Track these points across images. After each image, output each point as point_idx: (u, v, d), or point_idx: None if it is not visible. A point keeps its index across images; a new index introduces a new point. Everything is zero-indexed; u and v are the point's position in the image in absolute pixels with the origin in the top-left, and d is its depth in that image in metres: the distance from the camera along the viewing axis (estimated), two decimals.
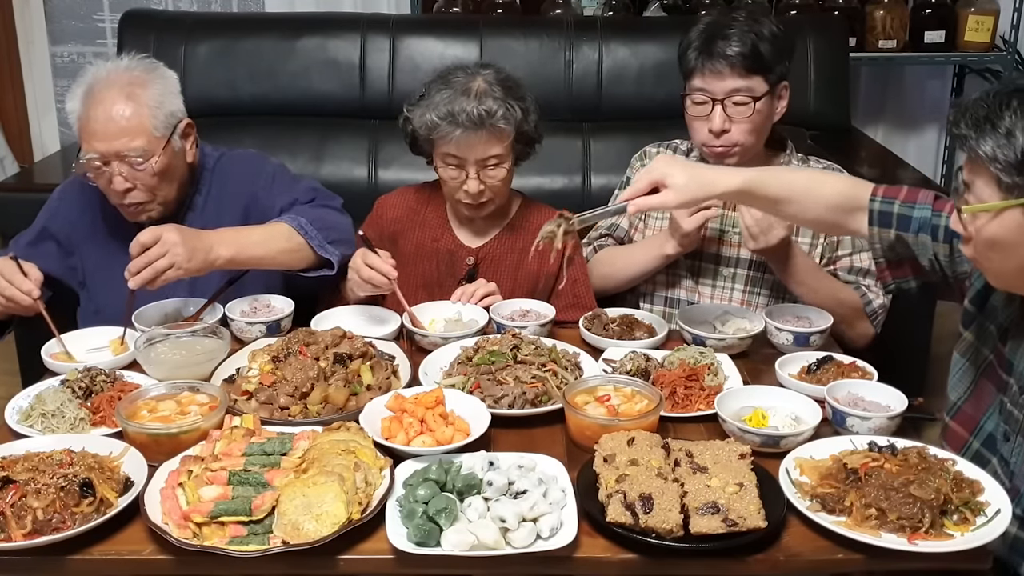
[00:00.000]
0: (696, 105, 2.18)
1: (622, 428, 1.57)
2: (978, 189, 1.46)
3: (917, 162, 4.28)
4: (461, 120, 2.07)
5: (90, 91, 2.04)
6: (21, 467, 1.45)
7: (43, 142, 4.75)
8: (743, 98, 2.13)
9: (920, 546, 1.36)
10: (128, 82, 2.05)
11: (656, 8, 4.15)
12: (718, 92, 2.14)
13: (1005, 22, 4.41)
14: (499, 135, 2.12)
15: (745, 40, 2.10)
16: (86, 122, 2.03)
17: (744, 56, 2.10)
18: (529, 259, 2.10)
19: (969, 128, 1.44)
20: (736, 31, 2.11)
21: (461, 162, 2.14)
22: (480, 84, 2.12)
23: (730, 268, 2.31)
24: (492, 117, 2.08)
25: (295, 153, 3.11)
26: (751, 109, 2.13)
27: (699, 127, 2.20)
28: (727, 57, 2.10)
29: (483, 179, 2.15)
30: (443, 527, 1.36)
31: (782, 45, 2.16)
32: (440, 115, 2.09)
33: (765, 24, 2.14)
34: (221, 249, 2.00)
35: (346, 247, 2.18)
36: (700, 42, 2.15)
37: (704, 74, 2.14)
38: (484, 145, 2.11)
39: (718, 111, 2.15)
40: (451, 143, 2.11)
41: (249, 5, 4.64)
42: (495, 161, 2.14)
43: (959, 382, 1.74)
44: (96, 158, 2.03)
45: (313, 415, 1.69)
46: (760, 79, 2.13)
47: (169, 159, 2.09)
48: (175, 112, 2.11)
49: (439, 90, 2.13)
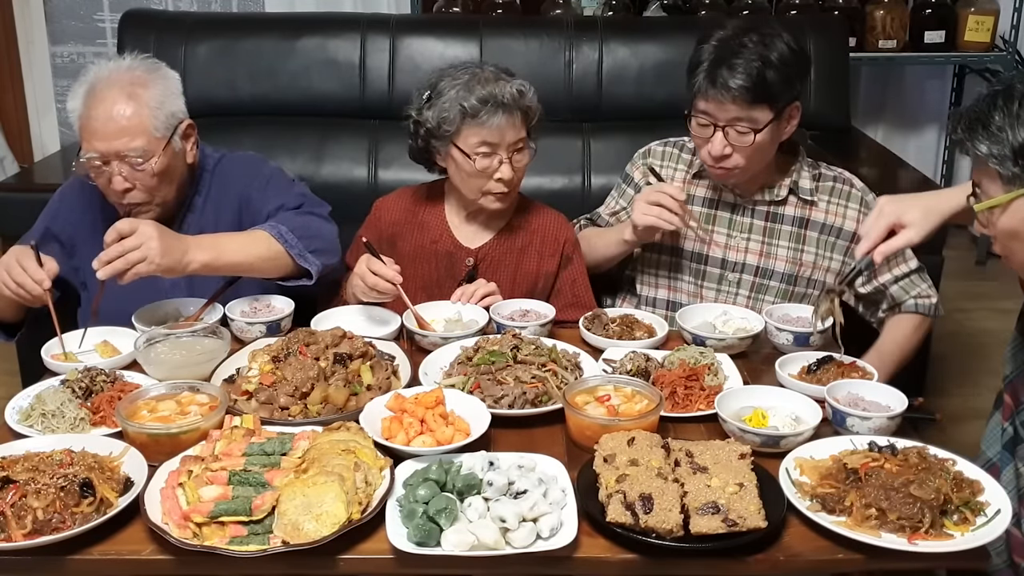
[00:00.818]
0: (700, 126, 2.16)
1: (622, 428, 1.57)
2: (986, 188, 1.55)
3: (917, 162, 4.29)
4: (503, 100, 2.08)
5: (91, 90, 2.04)
6: (21, 467, 1.45)
7: (43, 142, 4.75)
8: (744, 127, 2.10)
9: (920, 546, 1.36)
10: (129, 82, 2.05)
11: (656, 8, 4.15)
12: (720, 119, 2.11)
13: (1005, 22, 4.42)
14: (525, 117, 2.15)
15: (751, 70, 2.05)
16: (87, 121, 2.03)
17: (747, 89, 2.05)
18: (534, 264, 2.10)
19: (964, 132, 1.53)
20: (743, 61, 2.05)
21: (494, 148, 2.13)
22: (491, 72, 2.14)
23: (735, 273, 2.30)
24: (524, 97, 2.12)
25: (295, 153, 3.11)
26: (752, 139, 2.11)
27: (702, 146, 2.19)
28: (730, 89, 2.05)
29: (515, 163, 2.16)
30: (443, 527, 1.36)
31: (793, 70, 2.11)
32: (480, 98, 2.08)
33: (776, 47, 2.08)
34: (197, 253, 1.98)
35: (329, 256, 2.16)
36: (708, 65, 2.09)
37: (708, 99, 2.10)
38: (516, 128, 2.13)
39: (719, 137, 2.12)
40: (488, 128, 2.10)
41: (249, 5, 4.64)
42: (522, 144, 2.16)
43: (1013, 356, 1.81)
44: (96, 157, 2.03)
45: (313, 415, 1.69)
46: (765, 108, 2.09)
47: (169, 160, 2.09)
48: (176, 113, 2.11)
49: (453, 84, 2.12)
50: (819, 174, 2.30)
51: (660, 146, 2.43)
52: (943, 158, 4.96)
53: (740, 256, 2.30)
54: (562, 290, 2.29)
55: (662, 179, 2.30)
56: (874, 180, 2.88)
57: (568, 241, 2.31)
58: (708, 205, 2.33)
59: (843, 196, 2.29)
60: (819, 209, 2.28)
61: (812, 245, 2.28)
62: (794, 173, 2.28)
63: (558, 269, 2.30)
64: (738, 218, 2.30)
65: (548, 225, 2.31)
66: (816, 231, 2.28)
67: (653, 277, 2.39)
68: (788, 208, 2.29)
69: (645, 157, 2.43)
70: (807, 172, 2.29)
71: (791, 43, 2.12)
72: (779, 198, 2.28)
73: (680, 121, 2.25)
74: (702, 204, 2.33)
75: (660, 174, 2.33)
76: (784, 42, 2.10)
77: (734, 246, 2.30)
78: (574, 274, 2.31)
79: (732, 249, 2.30)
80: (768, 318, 2.03)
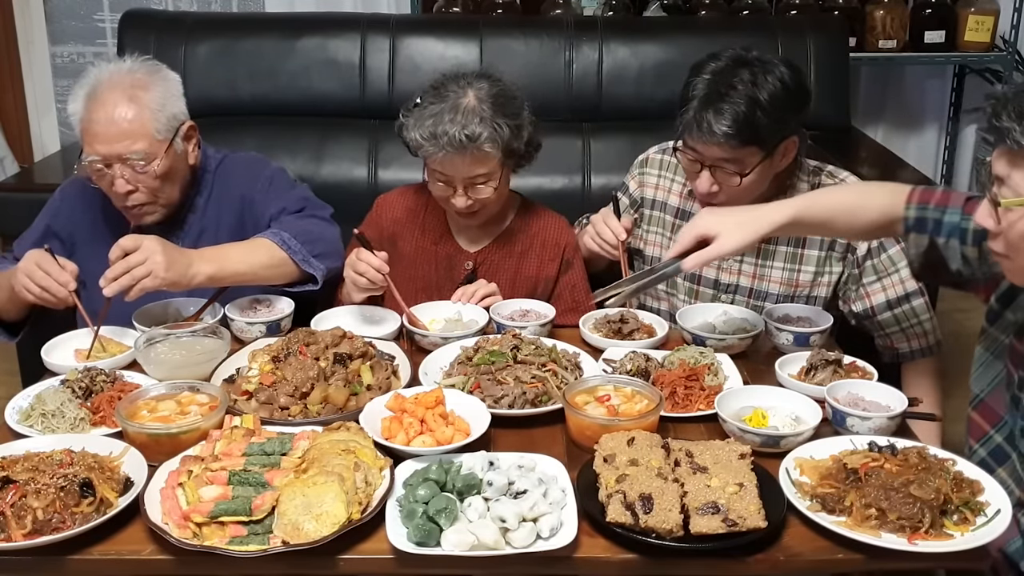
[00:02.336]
0: (688, 161, 2.11)
1: (622, 428, 1.57)
2: (1017, 182, 1.42)
3: (917, 162, 4.28)
4: (443, 143, 2.03)
5: (92, 93, 2.04)
6: (21, 467, 1.45)
7: (43, 142, 4.75)
8: (731, 169, 2.04)
9: (920, 546, 1.36)
10: (130, 84, 2.05)
11: (656, 8, 4.15)
12: (706, 158, 2.05)
13: (1005, 22, 4.41)
14: (484, 156, 2.07)
15: (738, 114, 1.96)
16: (88, 124, 2.03)
17: (731, 135, 1.97)
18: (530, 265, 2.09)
19: (1013, 120, 1.40)
20: (729, 105, 1.97)
21: (449, 179, 2.11)
22: (470, 101, 2.07)
23: (728, 295, 2.26)
24: (475, 141, 2.03)
25: (295, 153, 3.11)
26: (738, 180, 2.05)
27: (691, 178, 2.15)
28: (714, 134, 1.98)
29: (471, 195, 2.12)
30: (443, 527, 1.36)
31: (786, 110, 2.01)
32: (424, 135, 2.06)
33: (767, 87, 1.99)
34: (202, 266, 1.98)
35: (332, 260, 2.16)
36: (697, 104, 2.01)
37: (693, 138, 2.04)
38: (469, 166, 2.08)
39: (705, 175, 2.07)
40: (436, 162, 2.09)
41: (249, 5, 4.64)
42: (483, 180, 2.11)
43: (981, 376, 1.74)
44: (98, 160, 2.03)
45: (313, 415, 1.69)
46: (754, 149, 2.01)
47: (171, 162, 2.09)
48: (177, 114, 2.11)
49: (430, 103, 2.09)
50: (818, 182, 2.20)
51: (659, 154, 2.38)
52: (943, 158, 4.96)
53: (733, 278, 2.25)
54: (562, 295, 2.28)
55: (618, 211, 2.28)
56: (874, 180, 2.89)
57: (568, 246, 2.30)
58: None
59: None
60: None
61: (811, 264, 2.21)
62: (789, 189, 2.18)
63: (558, 274, 2.29)
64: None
65: (548, 229, 2.30)
66: (815, 248, 2.20)
67: (653, 289, 2.36)
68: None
69: (642, 167, 2.39)
70: (805, 185, 2.20)
71: (786, 78, 2.02)
72: None
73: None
74: None
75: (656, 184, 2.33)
76: (778, 78, 2.01)
77: (727, 268, 2.25)
78: (574, 279, 2.30)
79: (725, 271, 2.25)
80: (768, 318, 2.02)
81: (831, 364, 1.81)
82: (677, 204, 2.32)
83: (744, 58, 2.04)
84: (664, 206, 2.34)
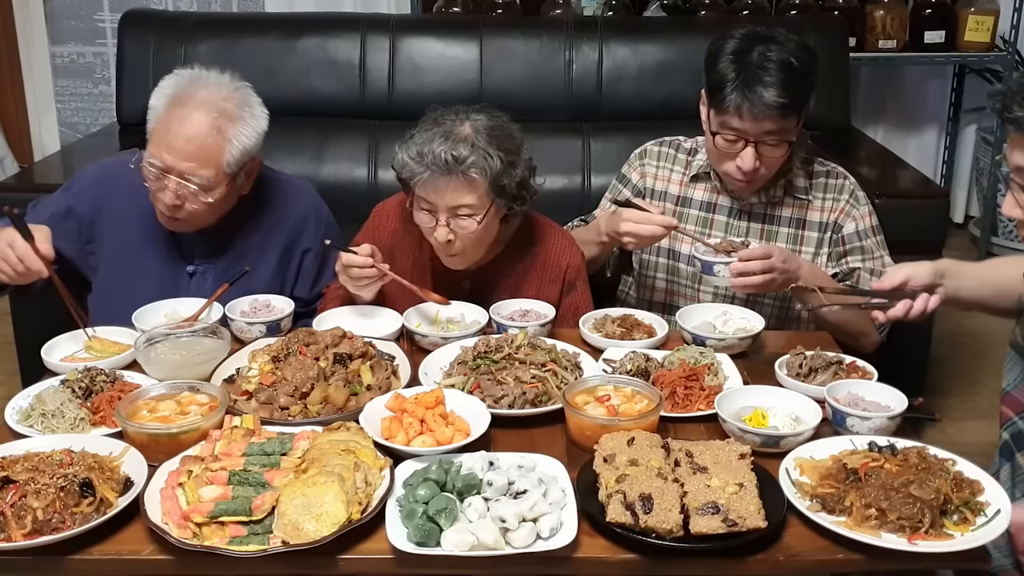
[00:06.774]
0: (727, 142, 2.12)
1: (622, 428, 1.57)
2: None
3: (917, 162, 4.29)
4: (428, 162, 1.96)
5: (179, 100, 2.01)
6: (21, 467, 1.45)
7: (43, 142, 4.75)
8: (776, 140, 2.08)
9: (920, 546, 1.36)
10: (220, 112, 2.02)
11: (656, 8, 4.15)
12: (752, 134, 2.08)
13: (1005, 22, 4.42)
14: (470, 184, 1.98)
15: (784, 80, 2.02)
16: (163, 130, 2.01)
17: (785, 104, 2.03)
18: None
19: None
20: (772, 76, 2.02)
21: (432, 207, 2.02)
22: (466, 130, 2.00)
23: (730, 291, 2.26)
24: (461, 164, 1.95)
25: (295, 153, 3.11)
26: (783, 150, 2.10)
27: (726, 161, 2.15)
28: (768, 106, 2.02)
29: (453, 228, 2.02)
30: (443, 527, 1.36)
31: (811, 70, 2.09)
32: (411, 154, 2.00)
33: (791, 50, 2.06)
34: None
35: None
36: (739, 82, 2.04)
37: (742, 116, 2.06)
38: (454, 192, 1.99)
39: (749, 151, 2.10)
40: (420, 185, 2.01)
41: (249, 5, 4.64)
42: (467, 211, 2.01)
43: (1009, 371, 1.79)
44: (159, 166, 2.00)
45: (313, 415, 1.69)
46: (795, 119, 2.08)
47: (228, 193, 2.08)
48: (251, 151, 2.08)
49: (426, 129, 2.03)
50: (812, 171, 2.30)
51: (656, 146, 2.41)
52: (943, 158, 4.96)
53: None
54: (564, 317, 2.19)
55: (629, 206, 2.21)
56: (874, 180, 2.89)
57: (571, 268, 2.21)
58: (705, 209, 2.33)
59: (835, 190, 2.28)
60: (815, 208, 2.28)
61: (811, 245, 2.28)
62: (788, 172, 2.26)
63: (560, 296, 2.21)
64: (734, 221, 2.30)
65: (550, 251, 2.22)
66: (815, 230, 2.28)
67: (651, 279, 2.38)
68: (784, 209, 2.28)
69: (642, 158, 2.41)
70: (801, 170, 2.28)
71: (796, 40, 2.11)
72: (775, 199, 2.28)
73: (679, 122, 2.25)
74: (699, 208, 2.33)
75: (655, 174, 2.34)
76: (793, 41, 2.09)
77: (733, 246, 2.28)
78: (577, 301, 2.22)
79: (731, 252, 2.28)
80: (695, 252, 2.08)
81: (831, 364, 1.82)
82: (677, 192, 2.36)
83: (755, 33, 2.11)
84: (665, 195, 2.38)
